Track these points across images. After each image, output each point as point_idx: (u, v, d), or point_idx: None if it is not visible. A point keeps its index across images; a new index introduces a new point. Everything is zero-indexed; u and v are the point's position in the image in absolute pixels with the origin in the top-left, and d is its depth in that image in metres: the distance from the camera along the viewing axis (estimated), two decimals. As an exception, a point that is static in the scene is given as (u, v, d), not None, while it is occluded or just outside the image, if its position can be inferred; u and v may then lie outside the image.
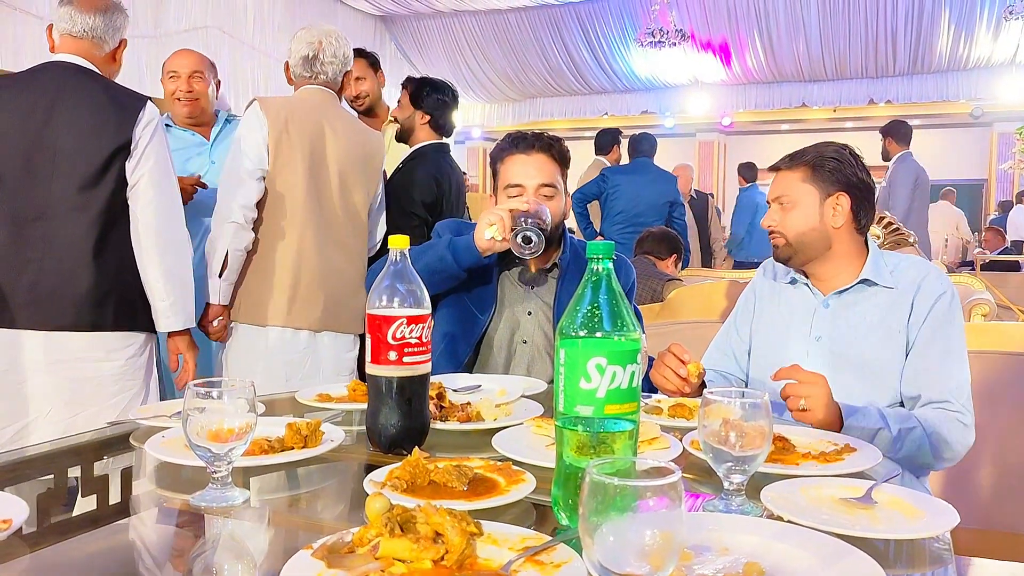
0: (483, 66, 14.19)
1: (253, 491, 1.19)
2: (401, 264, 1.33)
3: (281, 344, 2.61)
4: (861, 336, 1.84)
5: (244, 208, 2.52)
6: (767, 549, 0.93)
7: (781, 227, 1.88)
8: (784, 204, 1.88)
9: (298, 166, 2.61)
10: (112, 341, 2.31)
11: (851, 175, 1.87)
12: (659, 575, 0.75)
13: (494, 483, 1.15)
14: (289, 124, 2.60)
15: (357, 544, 0.90)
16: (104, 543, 1.08)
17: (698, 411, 1.14)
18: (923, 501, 1.10)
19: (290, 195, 2.60)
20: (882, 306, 1.84)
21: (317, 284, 2.64)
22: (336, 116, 2.75)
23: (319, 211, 2.65)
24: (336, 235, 2.69)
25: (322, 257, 2.65)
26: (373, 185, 2.82)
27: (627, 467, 0.82)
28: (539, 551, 0.90)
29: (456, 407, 1.53)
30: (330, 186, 2.68)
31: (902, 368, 1.81)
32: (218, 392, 1.12)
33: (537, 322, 2.16)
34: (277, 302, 2.60)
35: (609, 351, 0.98)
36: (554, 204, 2.10)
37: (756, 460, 1.10)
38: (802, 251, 1.87)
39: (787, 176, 1.89)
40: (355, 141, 2.75)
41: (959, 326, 1.83)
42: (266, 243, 2.61)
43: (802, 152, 1.90)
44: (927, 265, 1.90)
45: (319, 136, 2.66)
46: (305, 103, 2.71)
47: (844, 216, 1.85)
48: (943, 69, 13.17)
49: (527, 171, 2.10)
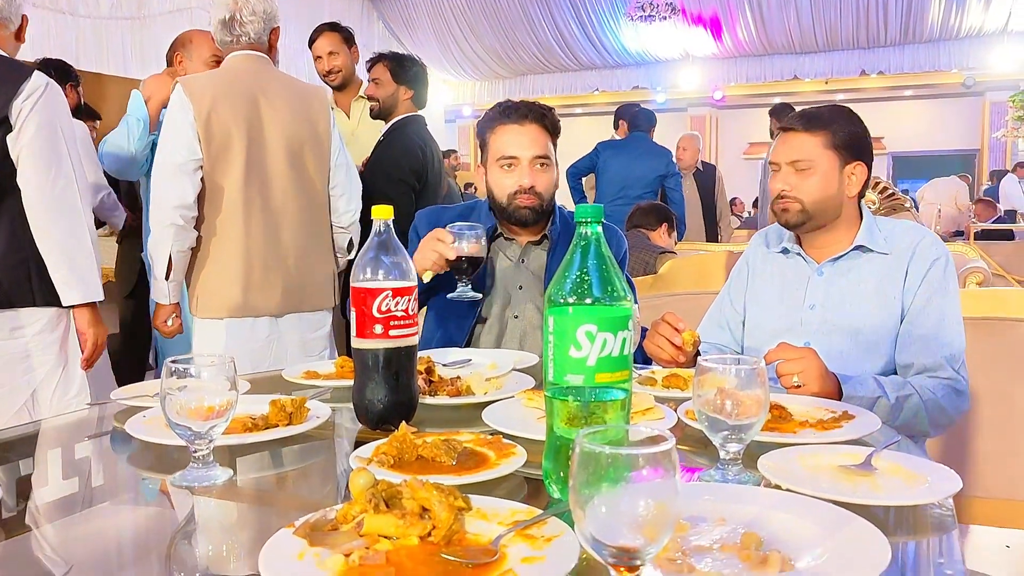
0: (472, 44, 14.07)
1: (237, 470, 1.16)
2: (385, 235, 1.29)
3: (241, 334, 2.50)
4: (856, 303, 1.81)
5: (181, 208, 2.37)
6: (766, 518, 0.90)
7: (797, 192, 1.82)
8: (801, 169, 1.82)
9: (235, 146, 2.43)
10: (15, 319, 2.23)
11: (867, 144, 1.83)
12: (653, 547, 0.72)
13: (484, 457, 1.12)
14: (217, 103, 2.40)
15: (341, 521, 0.87)
16: (85, 526, 1.05)
17: (693, 380, 1.11)
18: (924, 467, 1.08)
19: (231, 179, 2.44)
20: (877, 272, 1.81)
21: (273, 268, 2.51)
22: (270, 82, 2.54)
23: (267, 191, 2.50)
24: (290, 213, 2.54)
25: (274, 239, 2.51)
26: (326, 149, 2.62)
27: (619, 436, 0.79)
28: (529, 525, 0.87)
29: (445, 381, 1.49)
30: (276, 161, 2.51)
31: (896, 335, 1.78)
32: (197, 369, 1.08)
33: (528, 296, 2.12)
34: (231, 293, 2.47)
35: (599, 318, 0.95)
36: (547, 176, 2.06)
37: (752, 428, 1.07)
38: (816, 218, 1.83)
39: (805, 139, 1.82)
40: (297, 107, 2.56)
41: (954, 292, 1.80)
42: (211, 234, 2.47)
43: (817, 115, 1.84)
44: (921, 230, 1.87)
45: (254, 108, 2.47)
46: (233, 74, 2.51)
47: (858, 186, 1.83)
48: (935, 39, 13.11)
49: (520, 142, 2.05)
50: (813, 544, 0.83)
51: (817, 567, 0.79)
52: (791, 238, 1.92)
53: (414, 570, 0.79)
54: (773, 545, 0.83)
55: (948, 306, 1.77)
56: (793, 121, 1.85)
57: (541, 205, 2.07)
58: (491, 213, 2.14)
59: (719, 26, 13.33)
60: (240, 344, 2.49)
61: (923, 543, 0.91)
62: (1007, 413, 2.34)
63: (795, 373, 1.50)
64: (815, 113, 1.86)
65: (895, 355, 1.77)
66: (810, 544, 0.84)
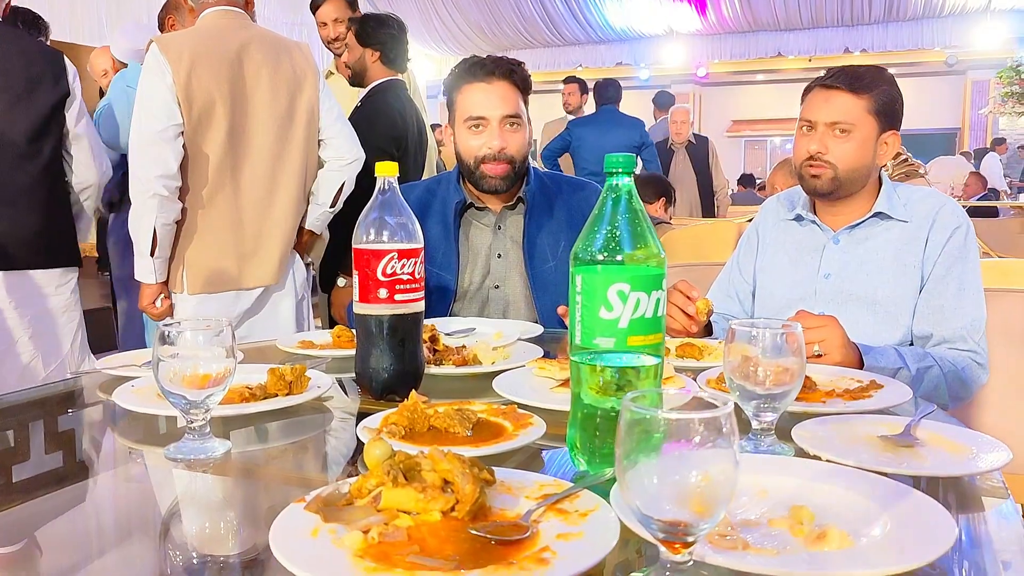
0: (455, 17, 13.87)
1: (235, 442, 1.08)
2: (390, 193, 1.22)
3: (236, 303, 2.40)
4: (874, 273, 1.75)
5: (164, 178, 2.22)
6: (811, 491, 0.84)
7: (832, 156, 1.73)
8: (843, 131, 1.72)
9: (218, 110, 2.29)
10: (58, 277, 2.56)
11: (901, 112, 1.76)
12: (708, 522, 0.65)
13: (500, 428, 1.06)
14: (197, 64, 2.25)
15: (355, 495, 0.79)
16: (70, 502, 0.97)
17: (718, 350, 1.05)
18: (967, 437, 1.02)
19: (214, 145, 2.30)
20: (895, 241, 1.76)
21: (265, 236, 2.39)
22: (251, 39, 2.38)
23: (254, 156, 2.36)
24: (279, 176, 2.42)
25: (265, 206, 2.39)
26: (314, 104, 2.48)
27: (656, 402, 0.72)
28: (561, 499, 0.80)
29: (451, 350, 1.42)
30: (261, 123, 2.37)
31: (915, 305, 1.73)
32: (192, 334, 1.00)
33: (509, 263, 2.01)
34: (225, 268, 2.34)
35: (632, 276, 0.88)
36: (518, 136, 1.94)
37: (788, 397, 1.00)
38: (847, 185, 1.76)
39: (850, 101, 1.72)
40: (282, 65, 2.42)
41: (974, 261, 1.74)
42: (198, 205, 2.32)
43: (863, 76, 1.73)
44: (942, 197, 1.81)
45: (236, 68, 2.32)
46: (211, 32, 2.35)
47: (890, 156, 1.76)
48: (918, 17, 13.10)
49: (489, 101, 1.91)
50: (869, 519, 0.77)
51: (880, 543, 0.72)
52: (806, 204, 1.85)
53: (438, 548, 0.72)
54: (825, 519, 0.77)
55: (968, 275, 1.71)
56: (838, 79, 1.74)
57: (513, 169, 1.94)
58: (459, 186, 2.02)
59: (704, 2, 13.23)
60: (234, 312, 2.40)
61: (977, 518, 0.85)
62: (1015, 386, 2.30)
63: (816, 342, 1.44)
64: (860, 73, 1.74)
65: (913, 325, 1.72)
66: (866, 519, 0.77)
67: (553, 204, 2.01)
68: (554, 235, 1.97)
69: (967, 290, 1.71)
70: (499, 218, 2.02)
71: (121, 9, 9.47)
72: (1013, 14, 12.16)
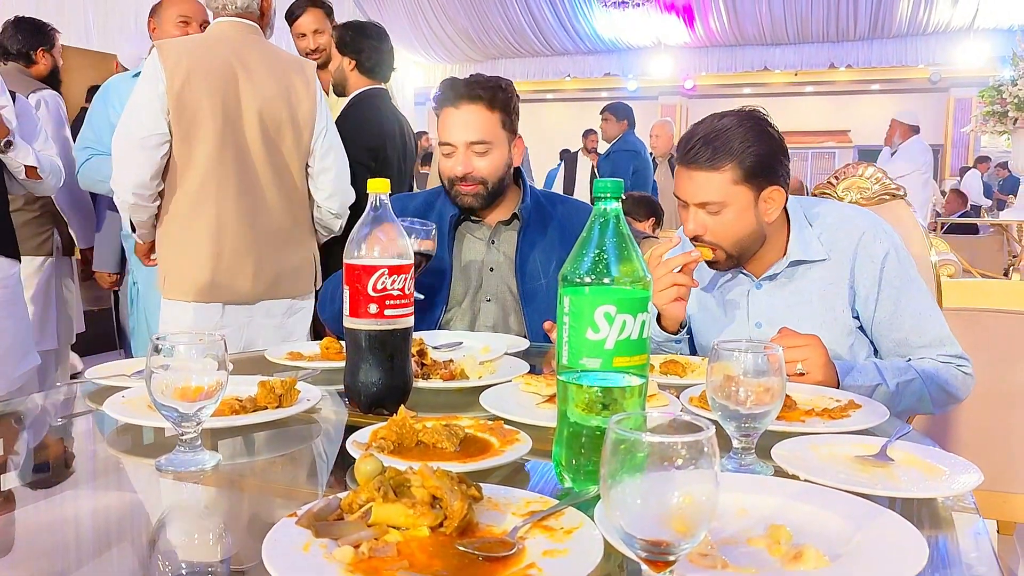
0: (444, 26, 13.91)
1: (224, 454, 1.10)
2: (381, 210, 1.24)
3: (209, 319, 2.37)
4: (805, 316, 1.68)
5: (137, 187, 2.25)
6: (789, 510, 0.86)
7: (713, 236, 1.63)
8: (712, 210, 1.62)
9: (207, 123, 2.29)
10: None
11: (779, 159, 1.62)
12: (689, 542, 0.67)
13: (487, 443, 1.08)
14: (192, 75, 2.25)
15: (346, 510, 0.81)
16: (59, 515, 0.98)
17: (702, 367, 1.07)
18: (941, 458, 1.05)
19: (201, 157, 2.30)
20: (819, 281, 1.69)
21: (244, 253, 2.37)
22: (251, 54, 2.39)
23: (241, 171, 2.36)
24: (266, 195, 2.41)
25: (247, 223, 2.37)
26: (306, 129, 2.47)
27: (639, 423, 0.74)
28: (547, 516, 0.82)
29: (439, 364, 1.44)
30: (252, 140, 2.37)
31: (850, 346, 1.70)
32: (185, 347, 1.02)
33: (500, 277, 2.03)
34: (199, 276, 2.33)
35: (618, 299, 0.90)
36: (487, 160, 1.95)
37: (767, 417, 1.03)
38: (742, 255, 1.68)
39: (711, 178, 1.59)
40: (278, 84, 2.41)
41: (916, 279, 1.69)
42: (181, 213, 2.33)
43: (719, 144, 1.58)
44: (859, 222, 1.71)
45: (231, 83, 2.33)
46: (212, 43, 2.36)
47: (778, 209, 1.65)
48: (903, 34, 13.25)
49: (455, 127, 1.94)
50: (844, 538, 0.80)
51: (854, 563, 0.75)
52: None
53: (427, 563, 0.74)
54: (801, 539, 0.79)
55: (917, 298, 1.67)
56: (696, 156, 1.60)
57: (486, 189, 1.97)
58: None
59: (692, 15, 13.33)
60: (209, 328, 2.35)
61: (950, 537, 0.88)
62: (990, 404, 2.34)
63: (799, 360, 1.46)
64: (721, 140, 1.59)
65: None
66: (840, 538, 0.80)
67: (547, 223, 2.04)
68: (546, 253, 2.00)
69: (923, 312, 1.67)
70: (493, 232, 2.05)
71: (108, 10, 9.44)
72: (996, 33, 12.33)
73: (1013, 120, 5.80)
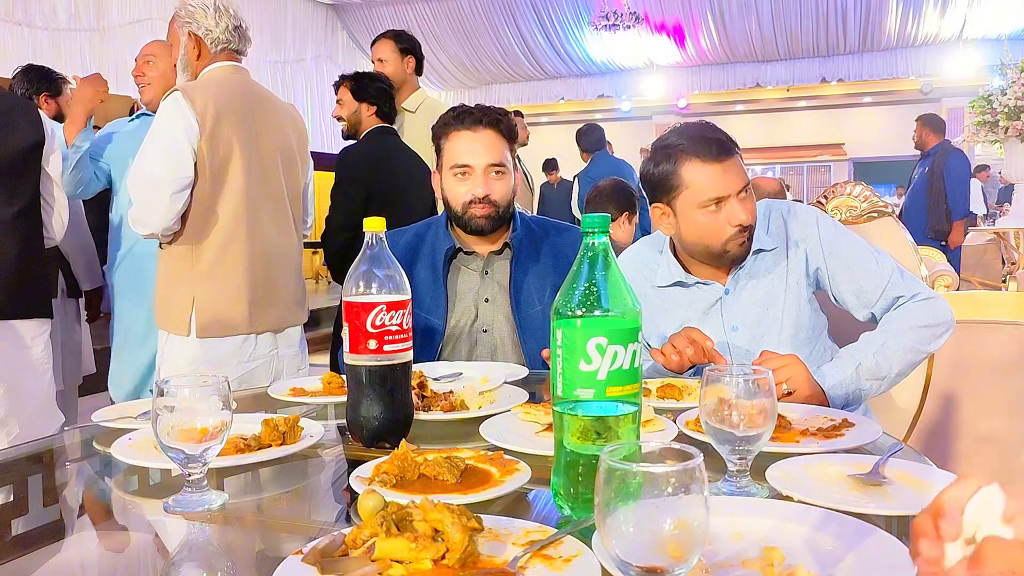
0: (437, 53, 14.04)
1: (230, 493, 1.12)
2: (378, 248, 1.26)
3: (244, 351, 2.41)
4: (776, 311, 1.75)
5: (164, 228, 2.29)
6: (783, 532, 0.89)
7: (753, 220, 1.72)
8: (751, 193, 1.71)
9: (236, 162, 2.35)
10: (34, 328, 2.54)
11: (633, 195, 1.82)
12: (682, 567, 0.70)
13: (487, 474, 1.10)
14: (222, 117, 2.31)
15: (350, 546, 0.83)
16: (70, 557, 1.00)
17: (698, 390, 1.10)
18: (932, 475, 1.07)
19: (232, 196, 2.35)
20: (780, 275, 1.77)
21: (274, 281, 2.46)
22: (259, 95, 2.51)
23: (268, 204, 2.44)
24: (288, 225, 2.54)
25: (274, 250, 2.46)
26: (307, 161, 2.67)
27: (633, 452, 0.77)
28: (546, 545, 0.84)
29: (439, 396, 1.46)
30: (275, 175, 2.47)
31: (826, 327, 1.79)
32: (189, 389, 1.05)
33: (496, 307, 2.04)
34: (238, 309, 2.37)
35: (609, 330, 0.93)
36: (502, 184, 1.99)
37: (760, 439, 1.05)
38: None
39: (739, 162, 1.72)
40: (287, 122, 2.56)
41: (846, 231, 1.79)
42: (219, 247, 2.36)
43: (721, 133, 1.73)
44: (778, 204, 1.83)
45: (251, 123, 2.40)
46: (229, 85, 2.41)
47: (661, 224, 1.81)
48: (892, 46, 13.38)
49: (475, 150, 1.97)
50: (835, 558, 0.82)
51: (845, 582, 0.77)
52: (675, 269, 1.82)
53: (430, 596, 0.76)
54: (794, 560, 0.81)
55: (856, 245, 1.75)
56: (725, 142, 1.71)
57: (497, 213, 1.99)
58: (448, 231, 2.06)
59: (682, 34, 13.47)
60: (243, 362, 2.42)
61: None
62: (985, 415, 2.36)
63: (783, 381, 1.49)
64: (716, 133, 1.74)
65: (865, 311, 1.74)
66: (832, 558, 0.82)
67: (539, 249, 2.06)
68: (540, 279, 2.02)
69: (866, 254, 1.73)
70: (486, 263, 2.06)
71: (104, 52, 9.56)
72: (984, 43, 12.45)
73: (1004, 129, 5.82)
